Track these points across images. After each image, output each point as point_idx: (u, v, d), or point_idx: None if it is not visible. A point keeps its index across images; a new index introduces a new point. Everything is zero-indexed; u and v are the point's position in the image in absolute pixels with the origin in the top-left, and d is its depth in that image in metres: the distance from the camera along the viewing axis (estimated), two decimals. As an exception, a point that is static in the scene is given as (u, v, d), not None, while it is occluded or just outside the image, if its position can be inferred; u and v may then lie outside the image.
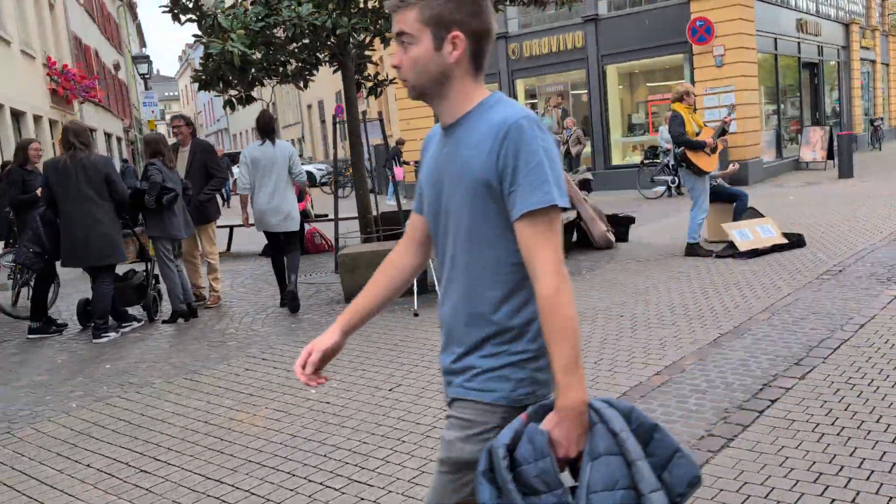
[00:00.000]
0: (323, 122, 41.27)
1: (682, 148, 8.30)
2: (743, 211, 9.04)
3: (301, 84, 9.89)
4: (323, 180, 30.77)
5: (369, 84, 10.86)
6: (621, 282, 7.39)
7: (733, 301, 6.31)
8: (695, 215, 8.48)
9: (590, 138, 18.22)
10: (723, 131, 8.77)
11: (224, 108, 10.68)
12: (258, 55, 8.11)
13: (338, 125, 12.15)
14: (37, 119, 20.66)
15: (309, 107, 43.99)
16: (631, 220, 9.75)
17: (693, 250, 8.53)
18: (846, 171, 16.05)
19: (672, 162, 14.63)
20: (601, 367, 4.86)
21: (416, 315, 6.67)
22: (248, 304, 7.91)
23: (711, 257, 8.36)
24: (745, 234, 8.56)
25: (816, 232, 9.36)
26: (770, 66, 18.45)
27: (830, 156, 17.87)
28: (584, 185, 9.57)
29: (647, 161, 15.71)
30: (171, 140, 7.96)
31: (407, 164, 19.83)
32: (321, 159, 39.15)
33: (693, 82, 16.48)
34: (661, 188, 15.40)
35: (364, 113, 11.12)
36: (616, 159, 18.16)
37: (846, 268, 7.17)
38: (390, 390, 4.79)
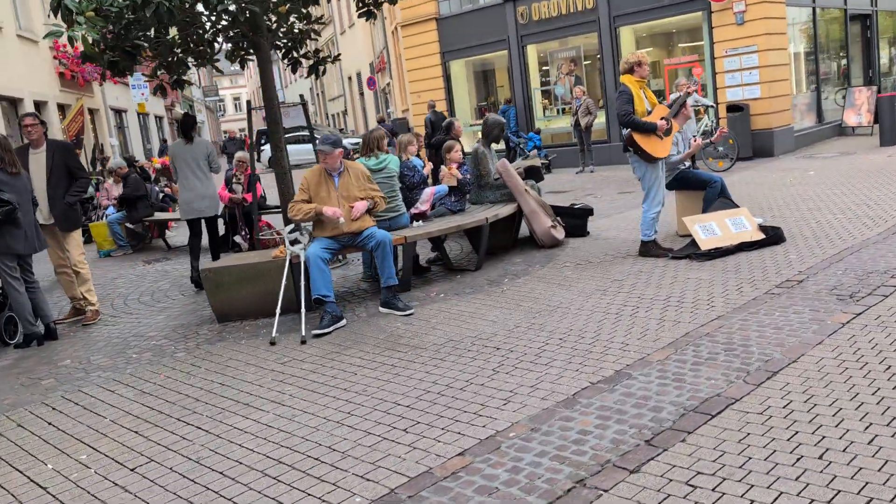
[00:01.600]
0: (361, 94, 40.35)
1: (629, 130, 6.97)
2: (713, 200, 7.67)
3: (217, 64, 8.90)
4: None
5: (309, 62, 9.84)
6: (536, 296, 6.21)
7: (644, 327, 5.08)
8: (647, 209, 7.17)
9: (604, 108, 16.73)
10: (682, 107, 7.38)
11: (154, 93, 9.81)
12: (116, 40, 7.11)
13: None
14: (40, 105, 20.34)
15: (349, 79, 43.13)
16: (588, 212, 8.46)
17: (647, 249, 7.24)
18: (889, 138, 14.20)
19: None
20: (432, 428, 3.77)
21: (272, 344, 5.68)
22: (132, 324, 7.04)
23: (667, 258, 7.07)
24: (710, 229, 7.21)
25: (810, 221, 7.92)
26: (807, 21, 16.52)
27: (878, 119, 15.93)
28: (532, 174, 8.32)
29: (657, 133, 14.16)
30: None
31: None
32: (362, 132, 38.31)
33: (712, 42, 14.84)
34: (672, 163, 13.88)
35: (302, 96, 10.08)
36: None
37: (811, 276, 5.82)
38: None
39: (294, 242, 6.21)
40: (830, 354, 4.20)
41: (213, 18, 7.90)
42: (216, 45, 9.08)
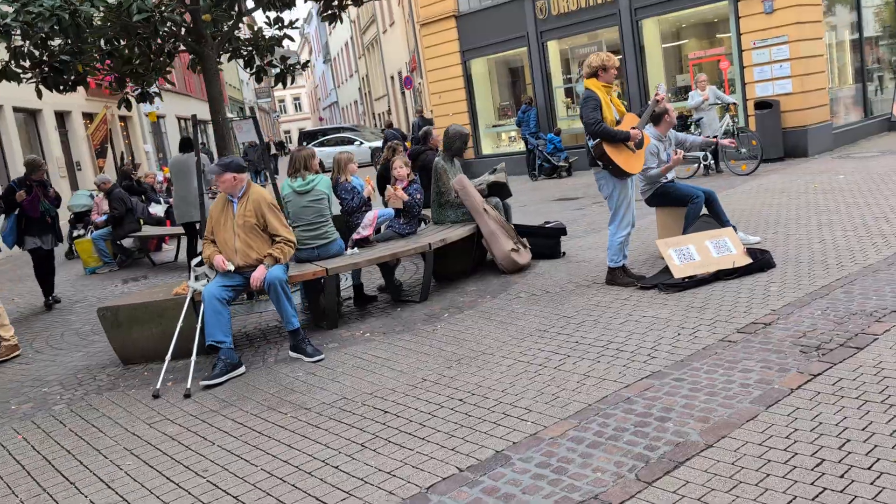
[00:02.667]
0: (403, 93, 39.77)
1: (598, 140, 6.11)
2: (695, 218, 6.75)
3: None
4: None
5: (275, 70, 9.24)
6: (466, 337, 5.44)
7: (560, 386, 4.27)
8: (614, 232, 6.31)
9: (626, 104, 15.69)
10: (654, 114, 6.49)
11: (119, 106, 9.34)
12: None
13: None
14: (63, 115, 20.33)
15: (391, 78, 42.63)
16: (561, 232, 7.61)
17: (614, 277, 6.38)
18: (939, 134, 12.86)
19: (697, 132, 12.15)
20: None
21: (155, 397, 5.06)
22: (44, 363, 6.55)
23: (635, 287, 6.20)
24: (687, 253, 6.31)
25: (814, 240, 6.93)
26: (850, 6, 15.18)
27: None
28: (497, 191, 7.47)
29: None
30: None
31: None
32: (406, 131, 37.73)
33: (739, 34, 13.70)
34: (694, 165, 12.86)
35: (253, 109, 9.49)
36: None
37: (783, 317, 4.90)
38: None
39: (200, 277, 5.59)
40: (756, 439, 3.34)
41: (150, 30, 7.33)
42: (172, 56, 8.59)
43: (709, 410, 3.69)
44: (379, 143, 28.01)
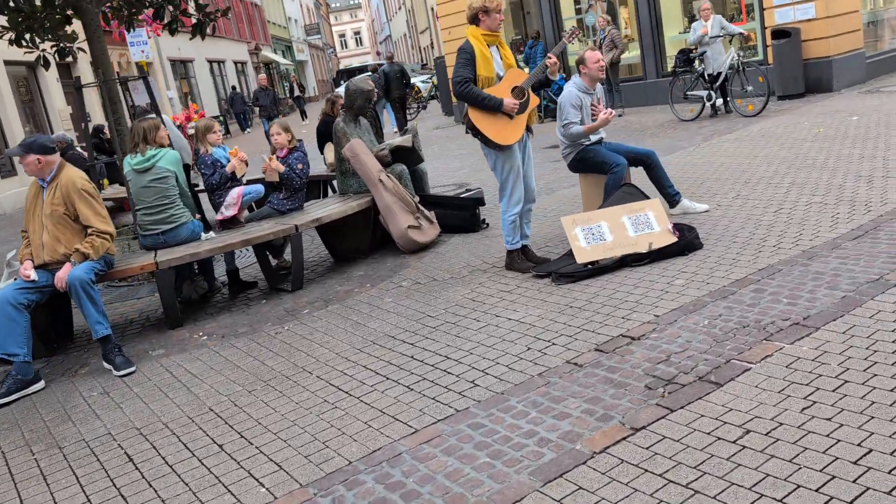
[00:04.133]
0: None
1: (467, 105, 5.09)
2: (616, 187, 5.69)
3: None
4: (432, 93, 27.91)
5: (191, 20, 8.37)
6: (302, 346, 4.62)
7: (291, 456, 3.44)
8: (504, 209, 5.32)
9: (635, 39, 14.28)
10: (543, 80, 5.33)
11: (36, 64, 8.66)
12: None
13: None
14: (63, 67, 19.87)
15: (432, 9, 40.99)
16: (478, 203, 6.61)
17: (511, 261, 5.43)
18: None
19: (703, 69, 10.82)
20: None
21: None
22: None
23: (529, 274, 5.25)
24: (597, 232, 5.29)
25: (769, 210, 5.81)
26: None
27: None
28: (403, 156, 6.46)
29: (681, 68, 11.68)
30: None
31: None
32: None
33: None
34: (697, 105, 11.50)
35: (144, 69, 8.64)
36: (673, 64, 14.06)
37: (657, 330, 3.91)
38: None
39: (14, 275, 4.90)
40: (490, 545, 2.46)
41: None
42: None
43: (472, 485, 2.81)
44: (415, 80, 26.78)
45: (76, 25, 7.70)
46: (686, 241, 5.12)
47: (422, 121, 20.94)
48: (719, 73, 10.85)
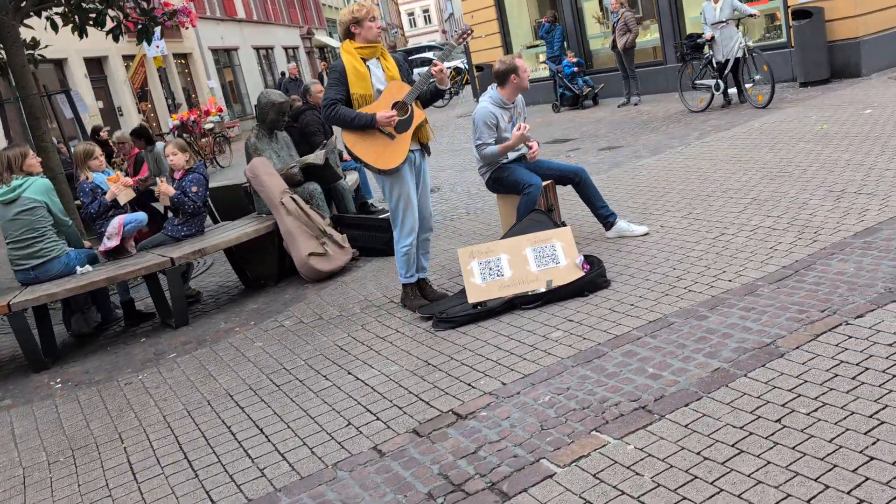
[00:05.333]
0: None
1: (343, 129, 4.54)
2: (528, 211, 5.06)
3: None
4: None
5: (138, 24, 8.01)
6: (141, 405, 4.19)
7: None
8: (397, 239, 4.76)
9: (654, 21, 13.32)
10: (433, 90, 4.70)
11: (116, 40, 8.26)
12: None
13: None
14: (101, 60, 20.00)
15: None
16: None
17: (405, 297, 4.88)
18: None
19: (711, 56, 9.96)
20: None
21: None
22: None
23: (416, 313, 4.70)
24: (495, 267, 4.69)
25: (713, 231, 5.09)
26: None
27: None
28: (315, 175, 5.91)
29: (689, 54, 10.72)
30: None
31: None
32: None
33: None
34: (707, 95, 10.58)
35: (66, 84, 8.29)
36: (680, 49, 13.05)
37: (491, 406, 3.32)
38: None
39: None
40: None
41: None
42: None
43: None
44: (455, 63, 25.94)
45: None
46: (587, 280, 4.47)
47: (450, 108, 20.34)
48: (728, 60, 9.93)
